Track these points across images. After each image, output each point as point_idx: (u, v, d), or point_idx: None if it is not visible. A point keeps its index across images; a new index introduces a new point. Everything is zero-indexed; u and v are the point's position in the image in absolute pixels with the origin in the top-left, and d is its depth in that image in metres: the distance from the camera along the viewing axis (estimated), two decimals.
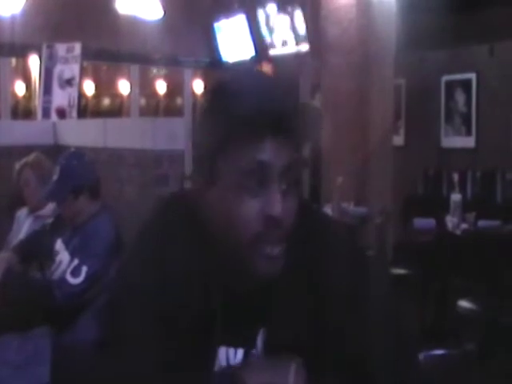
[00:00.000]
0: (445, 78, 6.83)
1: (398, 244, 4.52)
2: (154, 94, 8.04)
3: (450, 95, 6.82)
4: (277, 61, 6.69)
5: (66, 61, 4.78)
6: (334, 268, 1.05)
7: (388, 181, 5.03)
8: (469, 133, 6.67)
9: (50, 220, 3.06)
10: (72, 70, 4.74)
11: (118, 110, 7.72)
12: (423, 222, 4.79)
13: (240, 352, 1.06)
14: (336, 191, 4.07)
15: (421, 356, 1.69)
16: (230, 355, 1.05)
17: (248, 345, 1.05)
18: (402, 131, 6.98)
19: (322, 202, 4.36)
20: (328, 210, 3.94)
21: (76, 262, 2.66)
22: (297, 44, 6.43)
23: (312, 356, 1.02)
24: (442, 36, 5.98)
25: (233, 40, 7.09)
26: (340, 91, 5.15)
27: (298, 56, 6.34)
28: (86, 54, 5.19)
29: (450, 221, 4.63)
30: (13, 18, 6.25)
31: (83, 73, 5.87)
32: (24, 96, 7.28)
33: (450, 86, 6.80)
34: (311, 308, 1.03)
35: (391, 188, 5.05)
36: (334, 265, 1.05)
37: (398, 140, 6.61)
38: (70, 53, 4.82)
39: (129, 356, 1.02)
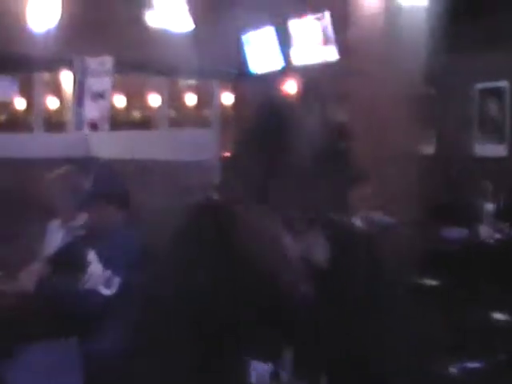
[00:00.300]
0: (478, 86, 6.75)
1: (426, 253, 4.47)
2: (183, 105, 8.10)
3: (482, 103, 6.74)
4: (304, 71, 6.69)
5: (97, 74, 4.87)
6: (353, 280, 1.07)
7: (416, 190, 4.98)
8: (501, 141, 6.57)
9: (81, 231, 3.10)
10: (103, 82, 4.83)
11: (147, 122, 7.80)
12: (454, 232, 4.73)
13: (268, 366, 1.06)
14: (364, 201, 4.05)
15: (455, 369, 1.67)
16: (257, 369, 1.06)
17: (275, 359, 1.06)
18: (432, 139, 6.92)
19: (350, 211, 4.34)
20: (356, 220, 3.92)
21: (109, 273, 2.69)
22: (324, 53, 6.43)
23: (338, 372, 1.03)
24: (475, 43, 5.92)
25: (261, 52, 7.12)
26: (368, 99, 5.14)
27: (325, 65, 6.33)
28: (116, 67, 5.26)
29: (483, 230, 4.56)
30: (46, 32, 6.38)
31: (113, 85, 5.95)
32: (56, 109, 7.41)
33: (483, 93, 6.72)
34: (334, 322, 1.04)
35: (420, 197, 5.00)
36: (353, 276, 1.07)
37: (429, 148, 6.55)
38: (101, 66, 4.91)
39: (158, 365, 1.03)
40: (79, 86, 4.88)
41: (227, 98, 7.71)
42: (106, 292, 2.68)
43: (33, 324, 2.75)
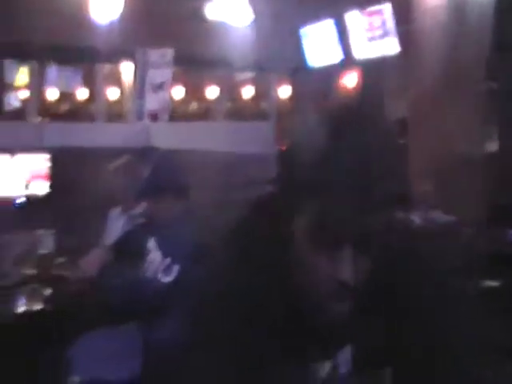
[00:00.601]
0: None
1: (490, 255, 4.35)
2: (240, 98, 8.14)
3: None
4: (364, 64, 6.61)
5: (158, 66, 4.93)
6: (411, 280, 1.05)
7: (478, 188, 4.86)
8: None
9: (141, 220, 3.15)
10: (164, 74, 4.89)
11: (204, 114, 7.88)
12: None
13: (327, 366, 1.06)
14: (423, 198, 3.97)
15: None
16: (317, 369, 1.05)
17: (334, 358, 1.05)
18: (495, 136, 6.72)
19: (410, 209, 4.27)
20: (415, 217, 3.85)
21: (168, 260, 2.72)
22: (384, 46, 6.33)
23: (400, 368, 1.02)
24: None
25: (320, 45, 7.08)
26: (429, 94, 5.03)
27: (385, 59, 6.24)
28: (175, 60, 5.32)
29: None
30: (108, 24, 6.50)
31: (173, 78, 6.03)
32: (116, 100, 7.56)
33: None
34: (392, 320, 1.03)
35: (482, 195, 4.87)
36: (412, 276, 1.05)
37: (492, 146, 6.36)
38: (162, 58, 4.97)
39: (214, 359, 1.03)
40: (140, 77, 4.96)
41: (284, 91, 7.70)
42: (165, 279, 2.70)
43: (95, 310, 2.81)
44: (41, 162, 3.98)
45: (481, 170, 5.01)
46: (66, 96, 7.78)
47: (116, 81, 7.50)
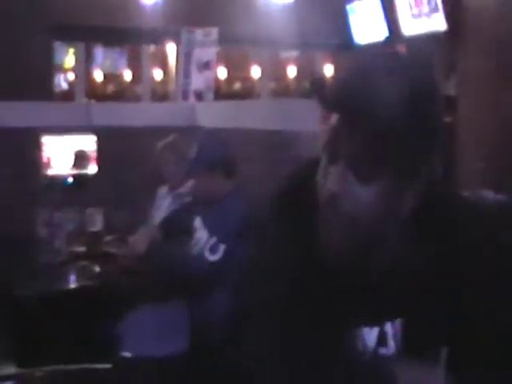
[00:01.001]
0: None
1: None
2: (284, 77, 8.09)
3: None
4: (410, 41, 6.47)
5: (203, 45, 4.93)
6: (469, 258, 1.03)
7: None
8: None
9: (188, 198, 3.18)
10: (209, 53, 4.89)
11: (248, 93, 7.86)
12: None
13: (374, 331, 1.04)
14: (475, 177, 3.88)
15: None
16: (364, 334, 1.04)
17: (381, 324, 1.04)
18: None
19: (459, 188, 4.18)
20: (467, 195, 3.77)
21: (214, 239, 2.73)
22: (431, 23, 6.18)
23: (461, 350, 1.00)
24: None
25: (365, 22, 6.96)
26: (478, 71, 4.90)
27: (432, 36, 6.09)
28: (219, 39, 5.31)
29: None
30: (153, 4, 6.53)
31: (217, 57, 6.02)
32: (161, 80, 7.61)
33: None
34: (446, 297, 1.02)
35: None
36: (470, 254, 1.04)
37: None
38: (207, 37, 4.96)
39: (264, 331, 1.03)
40: (186, 56, 4.96)
41: (328, 69, 7.61)
42: (211, 258, 2.72)
43: (143, 287, 2.85)
44: (89, 142, 4.05)
45: None
46: (112, 77, 7.88)
47: (161, 61, 7.54)
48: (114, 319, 2.68)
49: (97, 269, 3.24)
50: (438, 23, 6.09)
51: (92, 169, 4.03)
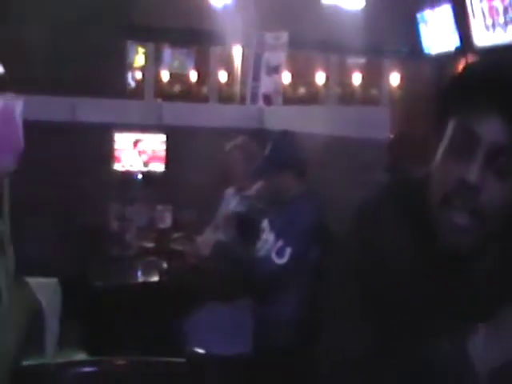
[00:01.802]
0: None
1: None
2: (350, 84, 8.04)
3: None
4: (483, 52, 6.33)
5: (273, 48, 4.95)
6: None
7: None
8: None
9: (256, 200, 3.19)
10: (278, 57, 4.90)
11: (312, 99, 7.84)
12: None
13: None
14: None
15: None
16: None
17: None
18: None
19: None
20: None
21: (281, 242, 2.73)
22: (507, 34, 6.03)
23: None
24: None
25: (436, 31, 6.85)
26: None
27: (509, 46, 5.94)
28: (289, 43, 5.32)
29: None
30: (223, 8, 6.61)
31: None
32: (226, 82, 7.68)
33: None
34: None
35: None
36: None
37: None
38: (277, 41, 4.98)
39: (343, 337, 1.03)
40: (256, 59, 5.00)
41: (395, 78, 7.53)
42: (278, 261, 2.72)
43: (209, 285, 2.88)
44: (159, 141, 4.13)
45: None
46: (178, 77, 8.01)
47: (226, 63, 7.61)
48: (182, 316, 2.72)
49: (164, 265, 3.30)
50: None
51: (161, 167, 4.11)
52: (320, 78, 7.73)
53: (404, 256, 1.02)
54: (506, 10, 6.07)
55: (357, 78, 7.98)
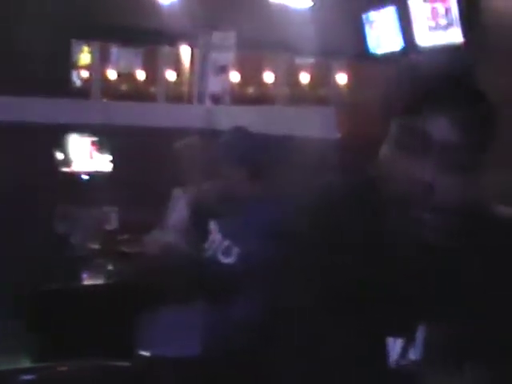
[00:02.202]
0: None
1: None
2: (298, 84, 8.09)
3: None
4: (426, 53, 6.47)
5: (220, 48, 4.94)
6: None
7: None
8: None
9: (204, 200, 3.17)
10: (226, 57, 4.90)
11: (262, 98, 7.85)
12: None
13: (399, 342, 1.04)
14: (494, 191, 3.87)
15: None
16: (389, 344, 1.04)
17: (407, 336, 1.04)
18: None
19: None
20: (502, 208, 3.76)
21: (228, 242, 2.71)
22: (448, 34, 6.18)
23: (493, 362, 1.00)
24: None
25: (381, 31, 6.96)
26: (500, 87, 4.89)
27: (449, 48, 6.09)
28: (236, 42, 5.30)
29: None
30: (170, 6, 6.54)
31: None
32: (175, 82, 7.62)
33: None
34: (475, 306, 1.02)
35: None
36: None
37: None
38: (225, 41, 4.98)
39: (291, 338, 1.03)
40: (203, 59, 4.98)
41: (342, 78, 7.61)
42: (224, 260, 2.70)
43: (157, 288, 2.86)
44: (106, 141, 4.07)
45: None
46: (126, 77, 7.90)
47: (174, 63, 7.56)
48: (131, 318, 2.68)
49: (111, 267, 3.25)
50: (454, 35, 6.09)
51: (108, 167, 4.05)
52: (269, 77, 7.75)
53: (365, 252, 1.03)
54: (447, 12, 6.22)
55: (305, 78, 8.04)
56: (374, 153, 1.08)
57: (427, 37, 6.46)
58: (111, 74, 7.73)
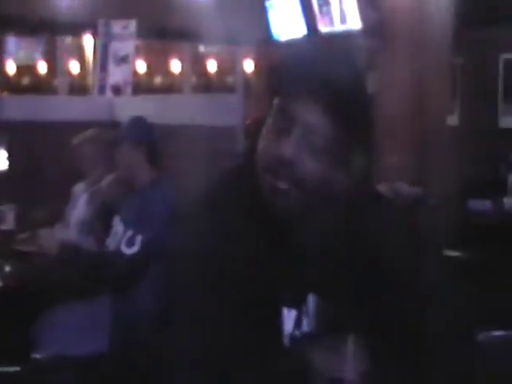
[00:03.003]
0: (503, 57, 6.62)
1: (452, 225, 4.44)
2: (205, 72, 8.05)
3: (507, 74, 6.61)
4: (328, 39, 6.59)
5: (121, 38, 4.83)
6: (380, 242, 1.09)
7: (444, 161, 4.93)
8: None
9: (106, 193, 3.10)
10: (127, 47, 4.80)
11: (169, 87, 7.78)
12: (479, 204, 4.70)
13: (292, 313, 1.08)
14: (390, 170, 4.02)
15: (481, 337, 1.67)
16: (283, 316, 1.08)
17: (299, 306, 1.08)
18: (456, 111, 6.82)
19: (376, 181, 4.29)
20: (382, 189, 3.88)
21: (131, 232, 2.68)
22: (349, 21, 6.32)
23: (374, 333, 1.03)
24: (503, 14, 5.78)
25: (285, 18, 7.02)
26: (395, 71, 5.06)
27: (349, 35, 6.23)
28: (138, 32, 5.21)
29: (508, 202, 4.53)
30: None
31: (136, 50, 5.90)
32: (78, 74, 7.40)
33: (508, 64, 6.59)
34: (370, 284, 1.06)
35: (448, 169, 4.95)
36: (381, 238, 1.10)
37: (453, 119, 6.46)
38: (124, 30, 4.87)
39: (188, 323, 1.05)
40: (103, 49, 4.85)
41: (250, 65, 7.64)
42: (128, 251, 2.67)
43: (59, 285, 2.78)
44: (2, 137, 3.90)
45: (445, 144, 5.08)
46: (27, 69, 7.59)
47: (78, 54, 7.34)
48: (29, 319, 2.60)
49: (8, 268, 3.13)
50: (353, 23, 6.23)
51: (4, 164, 3.89)
52: (175, 66, 7.68)
53: (245, 235, 1.07)
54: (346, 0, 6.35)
55: (212, 66, 8.01)
56: None
57: (327, 23, 6.58)
58: (10, 67, 7.41)
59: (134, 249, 2.64)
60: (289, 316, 1.08)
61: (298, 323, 1.08)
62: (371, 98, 1.16)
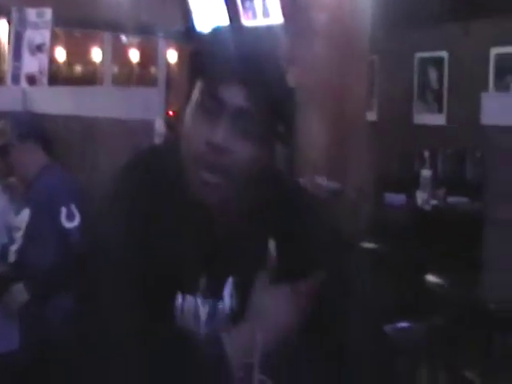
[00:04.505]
0: (418, 55, 6.85)
1: (368, 219, 4.57)
2: (127, 62, 7.92)
3: (422, 72, 6.85)
4: (250, 31, 6.62)
5: (36, 26, 4.66)
6: (298, 233, 1.11)
7: (362, 156, 5.06)
8: (440, 110, 6.73)
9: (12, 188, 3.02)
10: (43, 35, 4.63)
11: (90, 77, 7.60)
12: (394, 198, 4.86)
13: (208, 303, 1.09)
14: (309, 165, 4.08)
15: (388, 328, 1.74)
16: (198, 306, 1.08)
17: (215, 296, 1.09)
18: (374, 107, 7.01)
19: (295, 175, 4.36)
20: (302, 183, 3.94)
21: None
22: (269, 16, 6.38)
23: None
24: (418, 14, 5.98)
25: (207, 9, 7.00)
26: (315, 65, 5.14)
27: (270, 28, 6.28)
28: (58, 21, 5.05)
29: (420, 196, 4.70)
30: None
31: (55, 39, 5.73)
32: None
33: (423, 63, 6.83)
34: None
35: (365, 163, 5.09)
36: (299, 230, 1.11)
37: (371, 115, 6.64)
38: (40, 18, 4.70)
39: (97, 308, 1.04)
40: (16, 37, 4.67)
41: (173, 55, 7.57)
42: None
43: None
44: None
45: (363, 139, 5.21)
46: None
47: None
48: None
49: None
50: (275, 17, 6.29)
51: None
52: (96, 55, 7.51)
53: (164, 218, 1.06)
54: None
55: (134, 56, 7.89)
56: None
57: (249, 16, 6.61)
58: None
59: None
60: (204, 303, 1.08)
61: (213, 311, 1.08)
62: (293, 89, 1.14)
